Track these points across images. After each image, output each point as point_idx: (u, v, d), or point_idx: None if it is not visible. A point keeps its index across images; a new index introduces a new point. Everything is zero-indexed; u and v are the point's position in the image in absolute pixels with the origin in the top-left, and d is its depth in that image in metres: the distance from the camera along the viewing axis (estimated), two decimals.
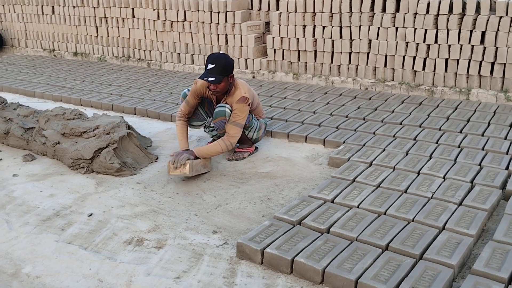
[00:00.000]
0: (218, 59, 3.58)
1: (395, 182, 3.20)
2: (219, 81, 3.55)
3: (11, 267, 2.56)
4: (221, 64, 3.55)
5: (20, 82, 6.79)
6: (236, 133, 3.70)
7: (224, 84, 3.62)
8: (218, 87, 3.62)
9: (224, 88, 3.66)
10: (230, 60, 3.64)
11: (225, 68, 3.57)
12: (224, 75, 3.57)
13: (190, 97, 3.86)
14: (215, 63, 3.54)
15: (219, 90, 3.65)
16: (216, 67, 3.54)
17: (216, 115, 3.73)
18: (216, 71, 3.54)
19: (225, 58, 3.61)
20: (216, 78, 3.54)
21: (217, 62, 3.55)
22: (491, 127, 4.14)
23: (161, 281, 2.40)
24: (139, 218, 3.04)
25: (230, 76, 3.66)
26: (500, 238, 2.49)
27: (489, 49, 4.90)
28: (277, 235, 2.62)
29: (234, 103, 3.70)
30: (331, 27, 5.74)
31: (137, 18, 7.45)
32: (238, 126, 3.70)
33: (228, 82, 3.66)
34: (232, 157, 3.90)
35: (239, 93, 3.70)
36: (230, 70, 3.62)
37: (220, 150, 3.66)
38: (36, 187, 3.53)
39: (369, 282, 2.20)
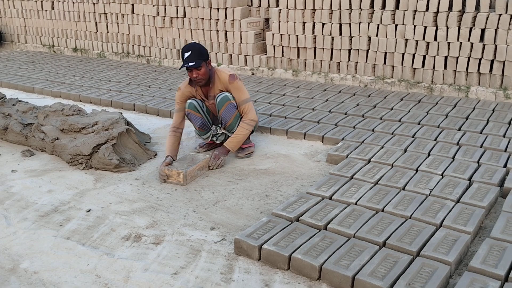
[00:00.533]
0: (192, 45, 3.66)
1: (393, 179, 3.20)
2: (199, 65, 3.59)
3: (9, 262, 2.56)
4: (196, 49, 3.63)
5: (19, 78, 6.79)
6: (250, 109, 3.76)
7: (205, 69, 3.65)
8: (200, 73, 3.64)
9: (206, 74, 3.68)
10: (203, 47, 3.72)
11: (201, 52, 3.63)
12: (202, 59, 3.62)
13: (179, 105, 3.86)
14: (191, 50, 3.61)
15: (202, 77, 3.67)
16: (192, 53, 3.60)
17: (220, 103, 3.72)
18: (194, 57, 3.60)
19: (198, 44, 3.71)
20: (196, 62, 3.59)
21: (192, 48, 3.63)
22: (490, 125, 4.14)
23: (158, 277, 2.40)
24: (137, 214, 3.04)
25: (208, 62, 3.71)
26: (497, 236, 2.50)
27: (489, 46, 4.90)
28: (274, 232, 2.62)
29: (228, 85, 3.74)
30: (331, 24, 5.74)
31: (137, 14, 7.44)
32: (246, 101, 3.76)
33: (207, 68, 3.69)
34: (242, 154, 3.89)
35: (224, 75, 3.75)
36: (206, 55, 3.67)
37: (247, 132, 3.76)
38: (35, 182, 3.53)
39: (366, 278, 2.21)
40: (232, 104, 3.72)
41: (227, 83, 3.73)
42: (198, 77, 3.65)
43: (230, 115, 3.74)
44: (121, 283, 2.37)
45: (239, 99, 3.75)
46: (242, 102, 3.76)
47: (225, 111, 3.73)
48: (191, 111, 3.82)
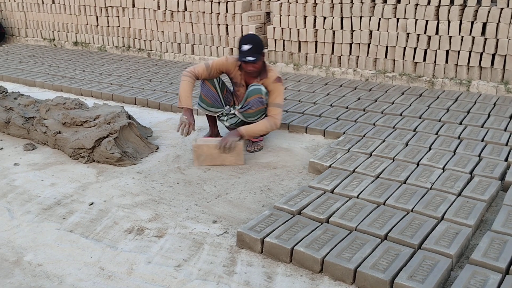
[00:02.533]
0: (252, 38, 3.57)
1: (395, 172, 3.22)
2: (258, 60, 3.54)
3: (13, 255, 2.58)
4: (257, 42, 3.55)
5: (21, 71, 6.79)
6: (279, 114, 3.70)
7: (260, 63, 3.61)
8: (256, 67, 3.60)
9: (260, 69, 3.65)
10: (261, 39, 3.64)
11: (261, 46, 3.57)
12: (261, 54, 3.56)
13: (215, 68, 3.77)
14: (252, 43, 3.52)
15: (257, 71, 3.63)
16: (253, 47, 3.52)
17: (251, 92, 3.66)
18: (254, 51, 3.52)
19: (258, 37, 3.62)
20: (256, 57, 3.53)
21: (253, 41, 3.53)
22: (491, 119, 4.15)
23: (161, 269, 2.42)
24: (139, 207, 3.06)
25: (263, 54, 3.64)
26: (498, 229, 2.51)
27: (490, 40, 4.90)
28: (277, 225, 2.64)
29: (271, 83, 3.68)
30: (332, 18, 5.73)
31: (138, 7, 7.43)
32: (279, 107, 3.70)
33: (262, 61, 3.64)
34: (252, 147, 3.89)
35: (273, 74, 3.70)
36: (263, 47, 3.61)
37: (265, 129, 3.68)
38: (37, 176, 3.54)
39: (368, 271, 2.23)
40: (261, 98, 3.66)
41: (271, 82, 3.68)
42: (253, 70, 3.62)
43: (256, 106, 3.67)
44: (124, 276, 2.39)
45: (274, 100, 3.69)
46: (275, 104, 3.69)
47: (254, 99, 3.66)
48: (207, 83, 3.81)
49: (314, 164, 3.47)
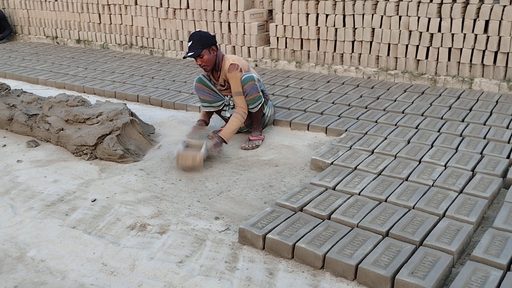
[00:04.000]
0: (193, 34, 3.76)
1: (397, 170, 3.22)
2: (197, 54, 3.70)
3: (16, 251, 2.60)
4: (197, 37, 3.72)
5: (23, 69, 6.81)
6: (243, 102, 3.81)
7: (207, 56, 3.75)
8: (203, 61, 3.76)
9: (209, 61, 3.78)
10: (206, 33, 3.79)
11: (201, 40, 3.71)
12: (202, 47, 3.70)
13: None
14: (192, 39, 3.73)
15: (205, 64, 3.78)
16: (193, 42, 3.71)
17: (244, 81, 3.78)
18: (194, 46, 3.70)
19: (199, 32, 3.77)
20: (195, 51, 3.70)
21: (192, 38, 3.73)
22: (493, 116, 4.14)
23: (164, 265, 2.43)
24: (142, 204, 3.07)
25: (211, 48, 3.76)
26: (500, 226, 2.51)
27: (493, 38, 4.89)
28: (278, 221, 2.64)
29: (227, 74, 3.81)
30: (334, 15, 5.73)
31: (140, 5, 7.43)
32: (240, 94, 3.82)
33: (210, 54, 3.77)
34: (247, 145, 3.91)
35: (227, 63, 3.82)
36: (207, 41, 3.73)
37: (239, 123, 3.83)
38: (40, 172, 3.56)
39: (369, 267, 2.23)
40: (255, 85, 3.80)
41: (227, 72, 3.80)
42: (202, 64, 3.78)
43: (253, 92, 3.80)
44: (127, 271, 2.40)
45: (233, 90, 3.82)
46: (235, 93, 3.82)
47: (249, 87, 3.79)
48: (199, 85, 4.00)
49: (316, 161, 3.47)
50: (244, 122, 3.99)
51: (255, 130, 4.01)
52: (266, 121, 4.14)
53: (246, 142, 3.95)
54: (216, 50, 3.81)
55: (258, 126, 4.02)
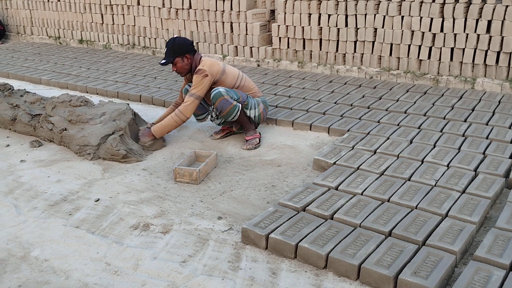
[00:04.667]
0: (168, 42, 3.87)
1: (399, 170, 3.22)
2: (169, 62, 3.84)
3: (20, 250, 2.61)
4: (170, 46, 3.84)
5: (26, 69, 6.82)
6: (188, 102, 3.84)
7: (180, 64, 3.87)
8: (177, 68, 3.89)
9: (182, 68, 3.90)
10: (181, 41, 3.87)
11: (173, 49, 3.81)
12: (175, 55, 3.81)
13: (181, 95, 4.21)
14: (167, 47, 3.86)
15: (179, 70, 3.91)
16: (167, 50, 3.86)
17: (214, 98, 3.84)
18: (167, 54, 3.83)
19: (174, 40, 3.86)
20: (167, 59, 3.84)
21: (168, 45, 3.86)
22: (496, 116, 4.14)
23: (167, 265, 2.44)
24: (145, 203, 3.08)
25: (186, 56, 3.85)
26: (503, 226, 2.52)
27: (495, 38, 4.89)
28: (281, 221, 2.65)
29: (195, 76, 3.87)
30: (337, 16, 5.73)
31: (142, 5, 7.45)
32: (193, 96, 3.84)
33: (184, 61, 3.87)
34: (247, 146, 3.92)
35: (199, 67, 3.87)
36: (181, 50, 3.82)
37: (173, 122, 3.88)
38: (44, 172, 3.57)
39: (372, 267, 2.24)
40: (225, 100, 3.81)
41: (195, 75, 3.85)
42: (176, 70, 3.92)
43: (225, 107, 3.82)
44: (130, 271, 2.41)
45: (191, 90, 3.86)
46: (189, 93, 3.85)
47: (219, 104, 3.83)
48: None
49: (318, 161, 3.48)
50: (235, 126, 4.13)
51: (247, 131, 4.01)
52: (256, 121, 4.06)
53: (245, 144, 3.96)
54: (191, 57, 3.87)
55: (249, 126, 4.01)
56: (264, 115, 4.12)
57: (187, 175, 3.33)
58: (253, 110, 3.99)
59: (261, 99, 4.13)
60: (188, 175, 3.32)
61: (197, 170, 3.30)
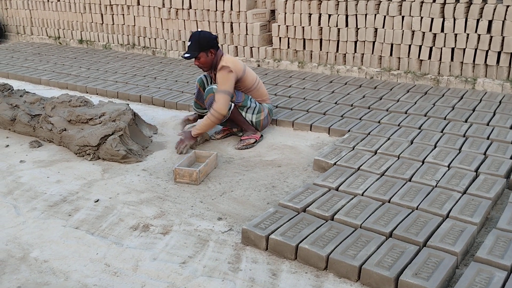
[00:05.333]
0: (193, 35, 3.80)
1: (400, 170, 3.21)
2: (193, 56, 3.77)
3: (20, 251, 2.60)
4: (195, 39, 3.77)
5: (26, 69, 6.81)
6: (220, 99, 3.78)
7: (204, 59, 3.81)
8: (200, 62, 3.83)
9: (206, 63, 3.84)
10: (207, 35, 3.81)
11: (199, 43, 3.75)
12: (200, 50, 3.76)
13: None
14: (190, 40, 3.79)
15: (202, 65, 3.85)
16: (191, 43, 3.77)
17: (206, 93, 3.87)
18: (192, 47, 3.76)
19: (199, 34, 3.80)
20: (191, 53, 3.77)
21: (192, 39, 3.79)
22: (497, 117, 4.13)
23: (167, 266, 2.43)
24: (145, 204, 3.07)
25: (210, 51, 3.80)
26: (504, 227, 2.51)
27: (496, 38, 4.88)
28: (281, 222, 2.64)
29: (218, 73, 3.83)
30: (337, 16, 5.72)
31: (142, 5, 7.44)
32: (221, 92, 3.79)
33: (208, 56, 3.82)
34: (239, 145, 3.91)
35: (221, 63, 3.84)
36: (207, 44, 3.77)
37: (210, 121, 3.82)
38: (43, 173, 3.56)
39: (372, 268, 2.23)
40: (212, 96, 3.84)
41: (218, 72, 3.82)
42: (199, 65, 3.85)
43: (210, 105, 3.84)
44: (130, 272, 2.40)
45: (218, 88, 3.81)
46: (218, 90, 3.81)
47: (208, 101, 3.87)
48: (199, 86, 4.08)
49: (319, 162, 3.47)
50: (235, 127, 4.10)
51: (245, 131, 4.01)
52: (255, 126, 4.02)
53: (238, 142, 3.98)
54: (214, 52, 3.83)
55: (247, 127, 4.00)
56: (264, 123, 4.07)
57: (187, 176, 3.32)
58: (251, 114, 3.97)
59: (268, 106, 4.12)
60: (188, 175, 3.31)
61: (197, 170, 3.29)
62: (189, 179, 3.32)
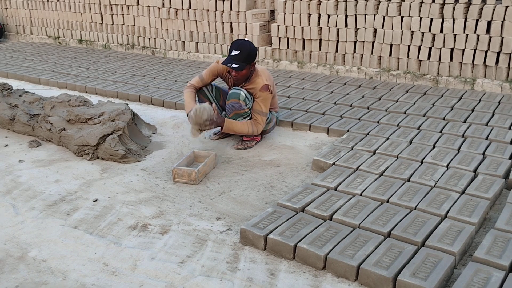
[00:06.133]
0: (243, 45, 3.58)
1: (398, 170, 3.21)
2: (242, 69, 3.58)
3: (18, 250, 2.60)
4: (246, 51, 3.57)
5: (25, 69, 6.82)
6: (261, 121, 3.76)
7: (246, 71, 3.66)
8: (240, 74, 3.66)
9: (245, 76, 3.70)
10: (255, 48, 3.66)
11: (249, 55, 3.59)
12: (247, 62, 3.59)
13: (207, 74, 3.87)
14: (240, 50, 3.55)
15: (240, 77, 3.69)
16: (240, 54, 3.55)
17: (230, 96, 3.71)
18: (240, 58, 3.56)
19: (249, 46, 3.61)
20: (240, 65, 3.56)
21: (242, 48, 3.56)
22: (496, 117, 4.14)
23: (165, 266, 2.43)
24: (143, 204, 3.07)
25: (252, 64, 3.68)
26: (502, 227, 2.51)
27: (495, 38, 4.88)
28: (280, 222, 2.64)
29: (258, 91, 3.71)
30: (336, 16, 5.73)
31: (142, 5, 7.44)
32: (263, 115, 3.76)
33: (249, 69, 3.68)
34: (240, 145, 3.90)
35: (261, 80, 3.71)
36: (254, 58, 3.63)
37: (247, 131, 3.74)
38: (42, 172, 3.56)
39: (371, 268, 2.23)
40: (238, 103, 3.70)
41: (258, 89, 3.71)
42: (237, 77, 3.68)
43: (232, 111, 3.75)
44: (128, 271, 2.40)
45: (259, 108, 3.73)
46: (260, 112, 3.74)
47: (229, 104, 3.74)
48: (202, 97, 3.95)
49: (317, 162, 3.47)
50: None
51: None
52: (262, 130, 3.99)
53: (239, 142, 3.95)
54: (254, 65, 3.73)
55: None
56: (269, 131, 4.06)
57: (186, 176, 3.32)
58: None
59: (276, 115, 4.10)
60: (187, 175, 3.32)
61: (196, 170, 3.29)
62: (188, 179, 3.32)
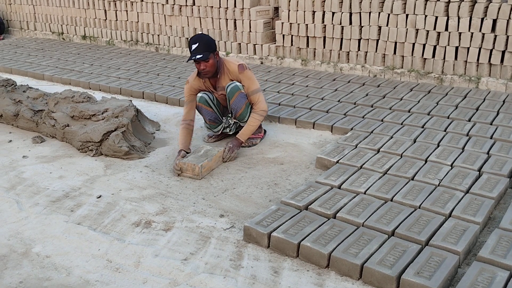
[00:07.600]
0: (199, 37, 3.60)
1: (402, 169, 3.20)
2: (206, 57, 3.54)
3: (22, 246, 2.60)
4: (204, 40, 3.58)
5: (29, 65, 6.82)
6: (260, 97, 3.75)
7: (212, 61, 3.62)
8: (207, 65, 3.60)
9: (213, 66, 3.64)
10: (211, 38, 3.69)
11: (208, 43, 3.59)
12: (209, 51, 3.58)
13: (188, 98, 3.82)
14: (198, 42, 3.56)
15: (209, 69, 3.63)
16: (199, 45, 3.55)
17: (231, 93, 3.70)
18: (201, 48, 3.55)
19: (206, 36, 3.66)
20: (203, 54, 3.54)
21: (199, 40, 3.58)
22: (500, 116, 4.12)
23: (168, 263, 2.43)
24: (147, 200, 3.07)
25: (216, 53, 3.67)
26: (507, 226, 2.50)
27: (500, 37, 4.86)
28: (283, 220, 2.64)
29: (238, 75, 3.72)
30: (341, 13, 5.71)
31: (146, 2, 7.43)
32: (257, 92, 3.75)
33: (215, 59, 3.66)
34: (244, 143, 3.89)
35: (233, 65, 3.73)
36: (214, 46, 3.63)
37: (258, 122, 3.76)
38: (46, 168, 3.57)
39: (374, 267, 2.22)
40: (242, 93, 3.71)
41: (237, 73, 3.71)
42: (205, 69, 3.61)
43: (240, 105, 3.73)
44: (132, 268, 2.40)
45: (249, 89, 3.73)
46: (252, 92, 3.74)
47: (235, 100, 3.72)
48: (202, 105, 3.81)
49: (321, 160, 3.46)
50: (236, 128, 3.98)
51: None
52: None
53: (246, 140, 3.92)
54: (218, 55, 3.72)
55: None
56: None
57: (189, 170, 3.32)
58: None
59: None
60: (191, 169, 3.32)
61: (200, 165, 3.30)
62: (191, 173, 3.32)
